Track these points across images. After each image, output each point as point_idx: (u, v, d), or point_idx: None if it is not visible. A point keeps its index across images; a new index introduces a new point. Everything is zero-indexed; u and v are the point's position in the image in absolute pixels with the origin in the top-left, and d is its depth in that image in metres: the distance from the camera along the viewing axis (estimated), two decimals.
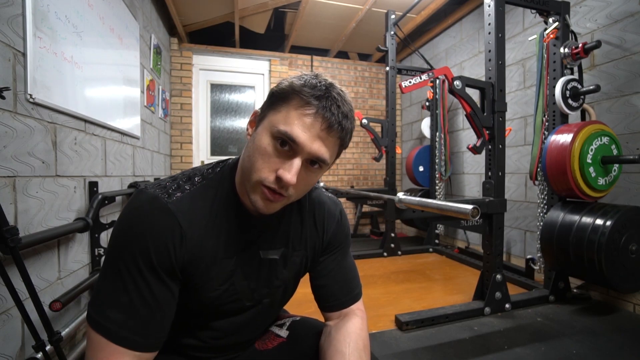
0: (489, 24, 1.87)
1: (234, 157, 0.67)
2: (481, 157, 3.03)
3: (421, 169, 3.55)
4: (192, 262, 0.57)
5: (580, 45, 1.93)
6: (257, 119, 0.59)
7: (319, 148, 0.54)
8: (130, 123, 2.17)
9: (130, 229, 0.53)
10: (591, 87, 1.91)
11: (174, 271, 0.55)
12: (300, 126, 0.52)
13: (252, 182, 0.55)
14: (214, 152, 3.88)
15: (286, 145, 0.53)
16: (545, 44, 2.07)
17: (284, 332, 0.74)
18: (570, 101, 1.99)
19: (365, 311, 0.74)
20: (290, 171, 0.53)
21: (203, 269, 0.58)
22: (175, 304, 0.57)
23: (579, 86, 2.00)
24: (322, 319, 0.76)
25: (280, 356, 0.71)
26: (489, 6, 1.87)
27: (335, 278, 0.72)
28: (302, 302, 0.90)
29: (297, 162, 0.53)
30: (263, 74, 4.02)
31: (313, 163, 0.56)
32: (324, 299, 0.71)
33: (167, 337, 0.56)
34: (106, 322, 0.50)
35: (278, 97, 0.55)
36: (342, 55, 4.43)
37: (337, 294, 0.71)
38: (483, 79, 1.93)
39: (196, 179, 0.61)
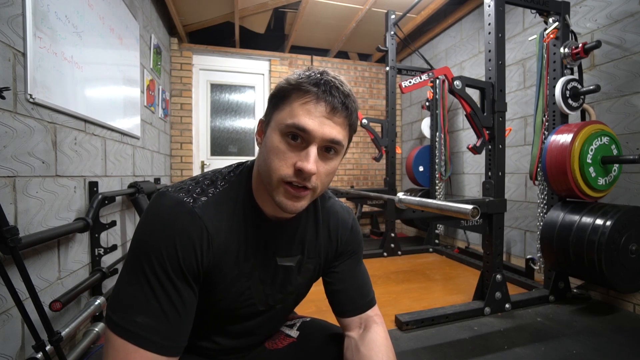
0: (489, 24, 1.87)
1: (252, 158, 0.67)
2: (481, 157, 3.03)
3: (421, 169, 3.55)
4: (216, 266, 0.58)
5: (580, 45, 1.93)
6: (264, 125, 0.61)
7: (329, 131, 0.54)
8: (130, 123, 2.17)
9: (157, 232, 0.53)
10: (591, 87, 1.91)
11: (199, 275, 0.56)
12: (306, 114, 0.53)
13: (273, 184, 0.55)
14: (214, 152, 3.88)
15: (298, 138, 0.54)
16: (545, 44, 2.07)
17: (294, 333, 0.75)
18: (570, 101, 1.98)
19: (382, 316, 0.74)
20: (309, 160, 0.52)
21: (224, 272, 0.59)
22: (195, 307, 0.57)
23: (579, 86, 2.00)
24: (329, 321, 0.77)
25: (290, 356, 0.72)
26: (489, 6, 1.87)
27: (351, 283, 0.72)
28: (302, 302, 0.91)
29: (313, 150, 0.53)
30: (263, 74, 4.02)
31: (328, 149, 0.56)
32: (342, 303, 0.71)
33: None
34: (135, 328, 0.49)
35: (279, 97, 0.57)
36: (342, 55, 4.43)
37: (354, 298, 0.71)
38: (483, 79, 1.93)
39: (219, 182, 0.61)
